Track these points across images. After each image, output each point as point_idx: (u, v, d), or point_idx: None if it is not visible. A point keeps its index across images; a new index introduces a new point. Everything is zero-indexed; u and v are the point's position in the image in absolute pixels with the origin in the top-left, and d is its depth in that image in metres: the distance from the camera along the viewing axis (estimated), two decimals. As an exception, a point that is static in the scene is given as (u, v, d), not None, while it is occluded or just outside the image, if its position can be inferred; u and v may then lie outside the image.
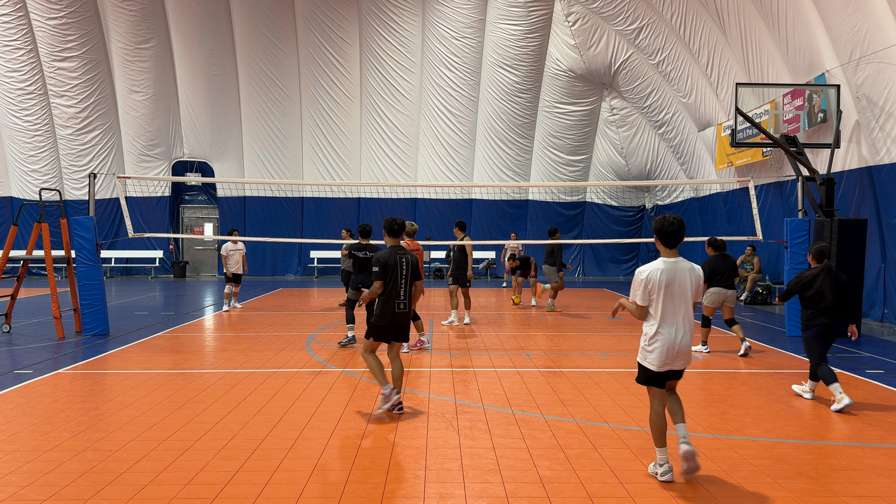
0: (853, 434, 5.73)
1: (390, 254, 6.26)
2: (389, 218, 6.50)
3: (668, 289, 4.58)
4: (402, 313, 6.31)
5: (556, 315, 13.50)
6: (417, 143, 24.08)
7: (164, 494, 4.38)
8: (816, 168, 12.57)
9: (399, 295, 6.25)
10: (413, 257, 6.38)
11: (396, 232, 6.42)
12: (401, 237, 6.49)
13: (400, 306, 6.28)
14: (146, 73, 23.07)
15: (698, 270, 4.70)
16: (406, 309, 6.34)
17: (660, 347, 4.59)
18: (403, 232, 6.53)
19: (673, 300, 4.60)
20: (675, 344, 4.58)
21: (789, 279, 11.14)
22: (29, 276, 22.12)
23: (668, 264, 4.63)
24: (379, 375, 6.22)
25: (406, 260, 6.30)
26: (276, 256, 24.27)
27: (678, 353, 4.61)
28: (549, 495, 4.39)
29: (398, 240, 6.44)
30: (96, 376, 7.90)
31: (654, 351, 4.63)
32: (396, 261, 6.25)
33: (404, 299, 6.29)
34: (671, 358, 4.61)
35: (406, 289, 6.31)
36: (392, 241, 6.41)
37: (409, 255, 6.35)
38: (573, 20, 20.81)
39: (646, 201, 24.78)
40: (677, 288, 4.60)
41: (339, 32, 23.17)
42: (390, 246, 6.38)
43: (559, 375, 7.98)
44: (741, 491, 4.48)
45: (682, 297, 4.62)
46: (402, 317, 6.33)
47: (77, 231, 10.90)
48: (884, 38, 11.20)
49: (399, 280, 6.24)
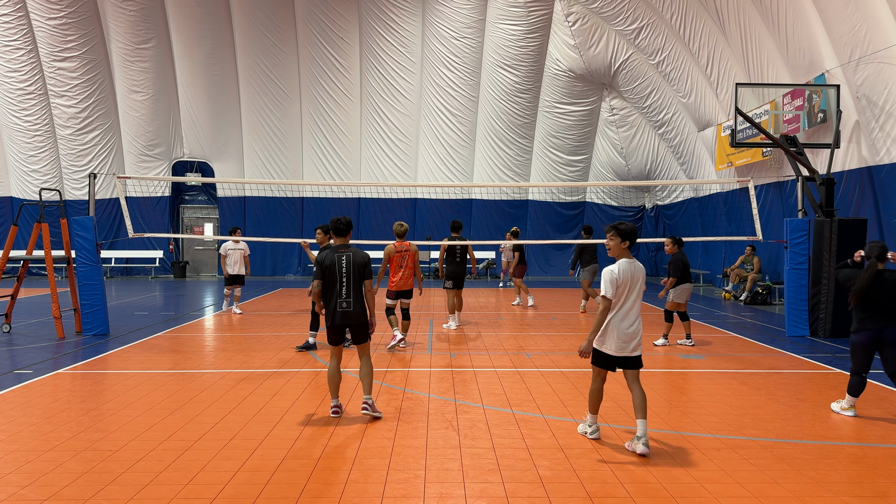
0: (853, 434, 5.73)
1: (328, 253, 6.14)
2: (334, 218, 6.36)
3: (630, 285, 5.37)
4: (345, 312, 6.10)
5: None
6: (417, 143, 24.07)
7: (164, 494, 4.38)
8: (816, 168, 12.57)
9: (341, 294, 6.09)
10: (359, 256, 6.16)
11: (343, 231, 6.25)
12: (348, 236, 6.32)
13: (343, 305, 6.09)
14: (146, 73, 23.06)
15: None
16: (352, 308, 6.11)
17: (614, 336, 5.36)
18: (350, 231, 6.34)
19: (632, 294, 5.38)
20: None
21: (789, 279, 11.20)
22: (29, 276, 22.11)
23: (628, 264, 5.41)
24: (330, 385, 6.19)
25: (347, 258, 6.13)
26: (276, 256, 24.26)
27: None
28: (549, 495, 4.40)
29: (345, 239, 6.29)
30: (96, 376, 7.90)
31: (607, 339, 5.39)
32: (335, 260, 6.11)
33: (347, 298, 6.10)
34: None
35: (350, 288, 6.11)
36: (339, 241, 6.29)
37: (352, 254, 6.16)
38: (573, 20, 20.81)
39: (646, 201, 24.78)
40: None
41: (339, 32, 23.16)
42: (335, 245, 6.27)
43: (559, 375, 7.98)
44: (741, 491, 4.48)
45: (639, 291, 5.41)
46: (348, 317, 6.11)
47: (77, 231, 10.90)
48: (884, 38, 11.20)
49: (339, 280, 6.08)
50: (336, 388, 6.22)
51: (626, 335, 5.30)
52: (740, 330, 11.74)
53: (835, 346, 10.03)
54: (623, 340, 5.30)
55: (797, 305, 11.10)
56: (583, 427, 5.71)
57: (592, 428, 5.61)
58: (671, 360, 8.94)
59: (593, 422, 5.64)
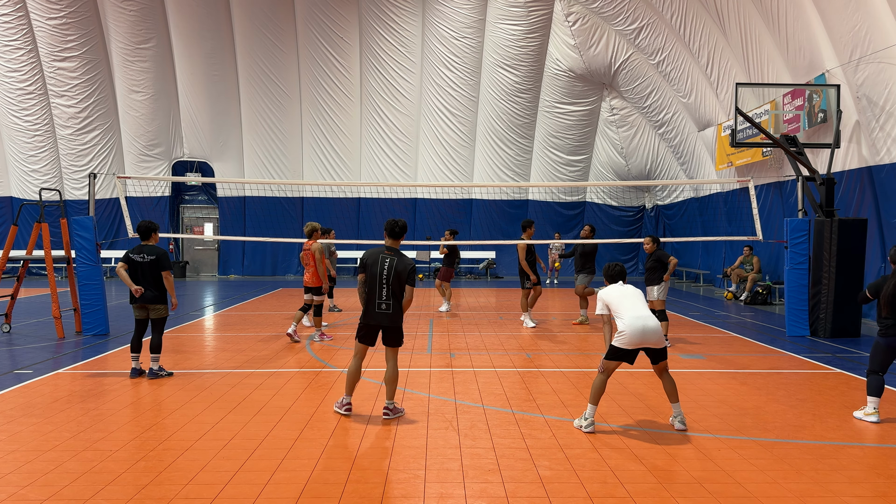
0: (853, 434, 5.73)
1: (373, 253, 6.17)
2: (391, 219, 6.28)
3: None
4: (383, 314, 6.08)
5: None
6: (417, 143, 24.07)
7: (164, 494, 4.38)
8: (816, 168, 12.57)
9: (381, 296, 6.07)
10: (402, 262, 6.10)
11: (396, 234, 6.21)
12: (400, 240, 6.24)
13: (381, 307, 6.10)
14: (146, 73, 23.06)
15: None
16: (391, 311, 6.08)
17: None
18: (403, 235, 6.26)
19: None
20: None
21: (789, 279, 11.20)
22: (29, 276, 22.10)
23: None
24: (347, 382, 6.25)
25: (391, 262, 6.09)
26: (276, 256, 24.26)
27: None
28: (549, 495, 4.39)
29: (396, 242, 6.23)
30: (96, 376, 7.90)
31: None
32: (378, 261, 6.11)
33: (387, 300, 6.07)
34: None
35: (390, 291, 6.06)
36: (390, 243, 6.23)
37: (397, 259, 6.10)
38: (573, 20, 20.81)
39: (646, 201, 24.78)
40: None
41: (339, 32, 23.16)
42: (384, 246, 6.24)
43: (559, 375, 7.98)
44: (741, 491, 4.48)
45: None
46: (385, 318, 6.10)
47: (77, 231, 10.90)
48: (884, 38, 11.19)
49: (379, 281, 6.07)
50: (353, 386, 6.24)
51: (640, 331, 5.71)
52: (740, 330, 11.74)
53: (835, 346, 10.02)
54: (637, 335, 5.72)
55: (797, 305, 11.10)
56: (578, 421, 5.87)
57: (588, 421, 5.76)
58: (671, 361, 8.89)
59: (591, 413, 5.80)
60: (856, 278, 10.92)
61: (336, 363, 8.63)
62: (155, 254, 7.73)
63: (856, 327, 10.94)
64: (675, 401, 5.85)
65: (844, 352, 9.58)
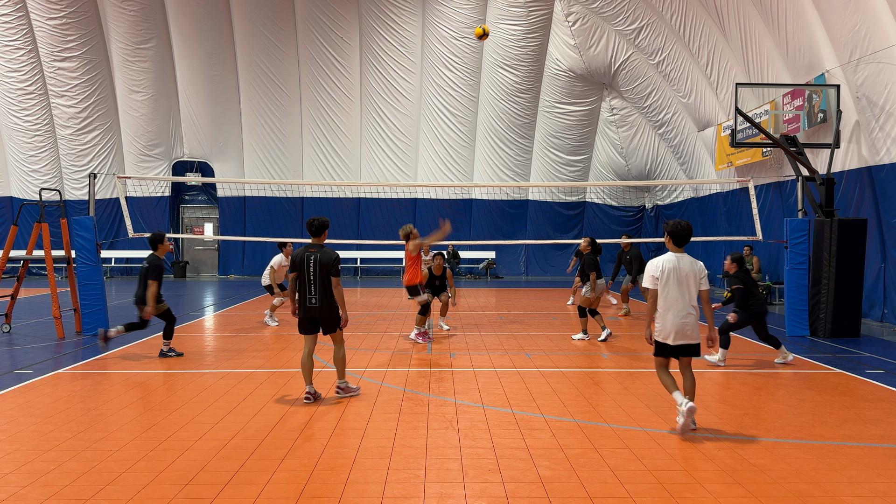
0: (853, 434, 5.73)
1: (300, 251, 6.70)
2: (309, 218, 6.82)
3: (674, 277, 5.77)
4: (311, 307, 6.61)
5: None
6: (417, 143, 24.07)
7: (164, 494, 4.38)
8: (816, 168, 12.57)
9: (310, 291, 6.60)
10: (325, 256, 6.57)
11: (315, 231, 6.73)
12: (322, 236, 6.76)
13: (311, 301, 6.62)
14: (146, 73, 23.06)
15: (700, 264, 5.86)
16: (317, 304, 6.60)
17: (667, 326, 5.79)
18: (324, 231, 6.77)
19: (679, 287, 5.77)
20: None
21: (789, 279, 11.20)
22: (29, 276, 22.09)
23: (676, 258, 5.81)
24: (303, 372, 6.76)
25: (315, 257, 6.57)
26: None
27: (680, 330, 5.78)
28: (549, 495, 4.39)
29: (319, 239, 6.75)
30: (96, 376, 7.90)
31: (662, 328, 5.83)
32: (304, 258, 6.60)
33: (315, 294, 6.59)
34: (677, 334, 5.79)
35: (317, 286, 6.57)
36: (314, 240, 6.75)
37: (320, 254, 6.59)
38: (573, 20, 20.81)
39: (646, 201, 24.78)
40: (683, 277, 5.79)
41: (339, 32, 23.16)
42: (308, 244, 6.76)
43: (559, 375, 7.98)
44: (741, 491, 4.48)
45: (686, 285, 5.77)
46: (314, 311, 6.63)
47: (77, 231, 10.90)
48: (884, 38, 11.19)
49: (307, 277, 6.60)
50: (309, 375, 6.70)
51: (678, 325, 5.75)
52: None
53: (835, 346, 10.02)
54: (676, 329, 5.76)
55: (797, 305, 11.10)
56: (678, 398, 5.74)
57: (685, 400, 5.66)
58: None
59: (681, 399, 5.69)
60: (856, 278, 10.93)
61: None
62: (149, 262, 8.80)
63: (856, 327, 10.94)
64: (692, 399, 5.84)
65: (844, 352, 9.58)
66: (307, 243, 6.77)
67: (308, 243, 6.76)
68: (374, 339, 10.62)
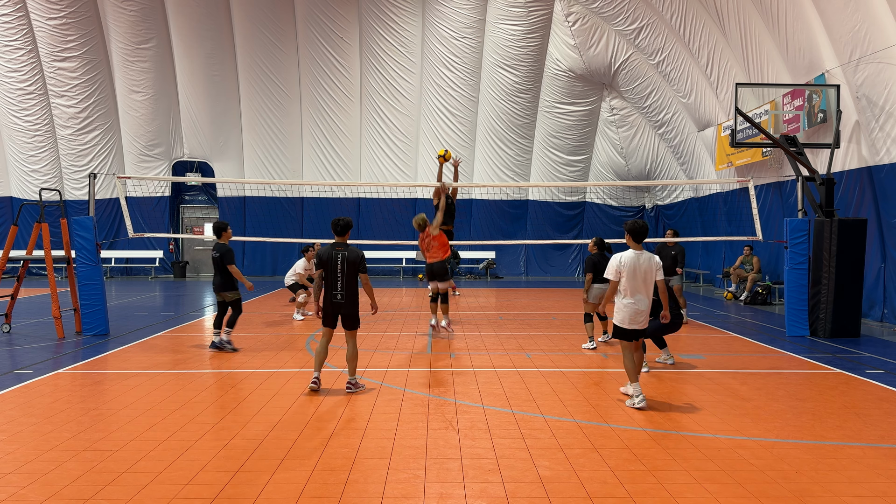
0: (853, 434, 5.73)
1: (326, 249, 7.09)
2: (335, 218, 7.22)
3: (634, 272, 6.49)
4: (337, 304, 7.06)
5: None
6: (417, 143, 24.07)
7: (164, 494, 4.38)
8: (816, 168, 12.57)
9: (336, 287, 7.04)
10: (352, 254, 7.00)
11: (340, 231, 7.12)
12: (346, 235, 7.12)
13: (337, 297, 7.05)
14: (146, 73, 23.05)
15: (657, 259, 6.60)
16: (344, 300, 7.04)
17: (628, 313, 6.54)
18: (348, 231, 7.15)
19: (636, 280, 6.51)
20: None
21: (789, 279, 11.20)
22: (29, 276, 22.09)
23: (636, 254, 6.53)
24: (316, 359, 7.20)
25: (343, 256, 7.01)
26: (276, 256, 24.24)
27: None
28: (549, 495, 4.40)
29: (343, 238, 7.14)
30: (96, 376, 7.90)
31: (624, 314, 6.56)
32: (331, 256, 7.01)
33: (341, 291, 7.04)
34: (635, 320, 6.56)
35: (344, 282, 7.01)
36: (338, 239, 7.15)
37: (347, 252, 7.02)
38: (573, 20, 20.81)
39: (646, 201, 24.77)
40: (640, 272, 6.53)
41: (339, 32, 23.15)
42: (333, 242, 7.18)
43: (559, 375, 7.98)
44: (741, 491, 4.48)
45: (644, 278, 6.53)
46: (339, 307, 7.07)
47: (77, 231, 10.90)
48: (884, 38, 11.20)
49: (334, 274, 7.02)
50: (320, 363, 7.14)
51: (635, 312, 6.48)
52: (740, 330, 11.74)
53: (834, 346, 10.03)
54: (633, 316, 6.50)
55: (797, 305, 11.10)
56: (630, 401, 6.42)
57: (640, 398, 6.35)
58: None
59: (637, 391, 6.39)
60: (856, 278, 10.93)
61: (336, 363, 8.62)
62: (219, 251, 9.59)
63: (856, 327, 10.94)
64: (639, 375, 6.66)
65: (844, 352, 9.58)
66: (332, 242, 7.16)
67: (334, 242, 7.15)
68: (374, 339, 10.62)
